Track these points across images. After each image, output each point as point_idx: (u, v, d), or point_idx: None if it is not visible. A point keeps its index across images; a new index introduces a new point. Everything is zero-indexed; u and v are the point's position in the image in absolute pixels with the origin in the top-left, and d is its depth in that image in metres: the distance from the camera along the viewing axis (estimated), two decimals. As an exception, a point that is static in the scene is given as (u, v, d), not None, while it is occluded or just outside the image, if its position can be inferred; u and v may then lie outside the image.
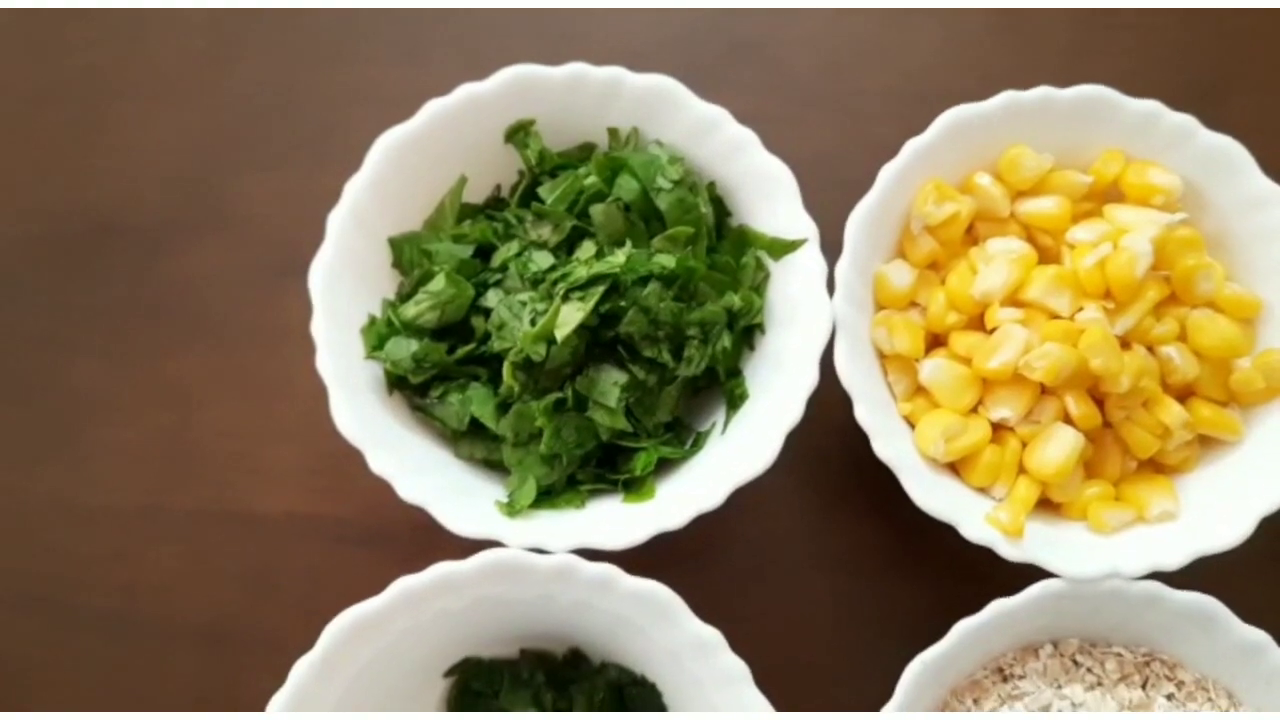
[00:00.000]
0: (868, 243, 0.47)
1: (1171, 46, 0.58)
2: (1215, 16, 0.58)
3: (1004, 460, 0.46)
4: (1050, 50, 0.58)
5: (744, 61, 0.58)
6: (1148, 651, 0.46)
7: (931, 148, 0.47)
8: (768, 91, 0.57)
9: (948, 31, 0.59)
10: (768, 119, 0.55)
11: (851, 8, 0.58)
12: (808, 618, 0.50)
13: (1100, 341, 0.44)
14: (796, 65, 0.58)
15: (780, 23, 0.58)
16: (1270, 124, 0.57)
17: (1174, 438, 0.46)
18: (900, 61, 0.58)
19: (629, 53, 0.55)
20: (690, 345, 0.45)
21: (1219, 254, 0.49)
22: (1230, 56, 0.58)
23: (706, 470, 0.45)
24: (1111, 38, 0.58)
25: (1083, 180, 0.49)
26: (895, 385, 0.48)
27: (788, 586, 0.50)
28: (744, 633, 0.44)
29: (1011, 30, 0.59)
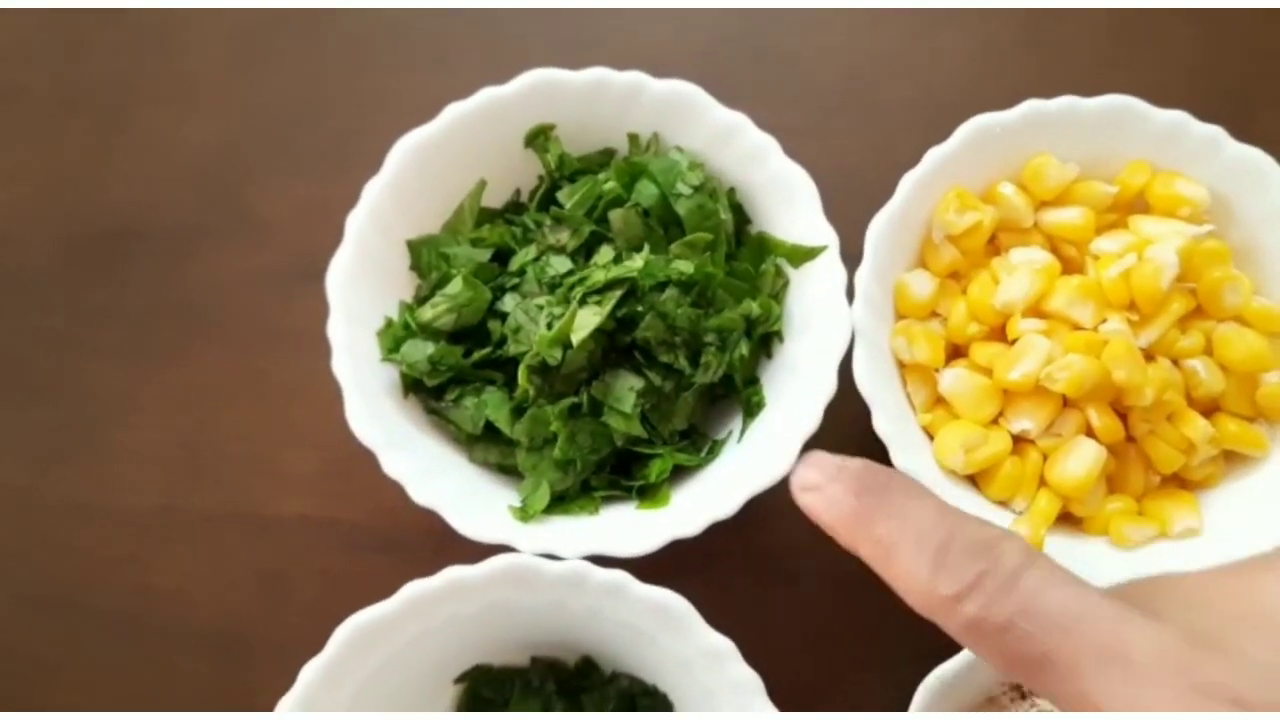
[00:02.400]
0: (888, 251, 0.47)
1: (1202, 58, 0.58)
2: (1246, 29, 0.57)
3: (1024, 473, 0.46)
4: (1078, 60, 0.58)
5: (767, 70, 0.57)
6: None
7: (953, 156, 0.47)
8: (790, 100, 0.57)
9: (974, 42, 0.58)
10: (790, 128, 0.55)
11: (877, 13, 0.58)
12: (822, 630, 0.50)
13: (1123, 353, 0.44)
14: (820, 74, 0.57)
15: (804, 32, 0.58)
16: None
17: (1199, 453, 0.46)
18: (925, 72, 0.57)
19: (652, 58, 0.54)
20: (707, 352, 0.45)
21: (1246, 267, 0.48)
22: (1261, 69, 0.57)
23: (722, 478, 0.45)
24: (1140, 49, 0.58)
25: (1108, 190, 0.48)
26: (915, 396, 0.47)
27: (802, 598, 0.50)
28: (757, 644, 0.43)
29: (1039, 41, 0.58)
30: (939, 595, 0.30)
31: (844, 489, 0.33)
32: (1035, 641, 0.29)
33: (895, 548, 0.32)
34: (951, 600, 0.30)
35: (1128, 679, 0.27)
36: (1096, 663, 0.27)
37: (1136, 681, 0.27)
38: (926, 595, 0.31)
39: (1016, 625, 0.29)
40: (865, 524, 0.33)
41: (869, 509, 0.33)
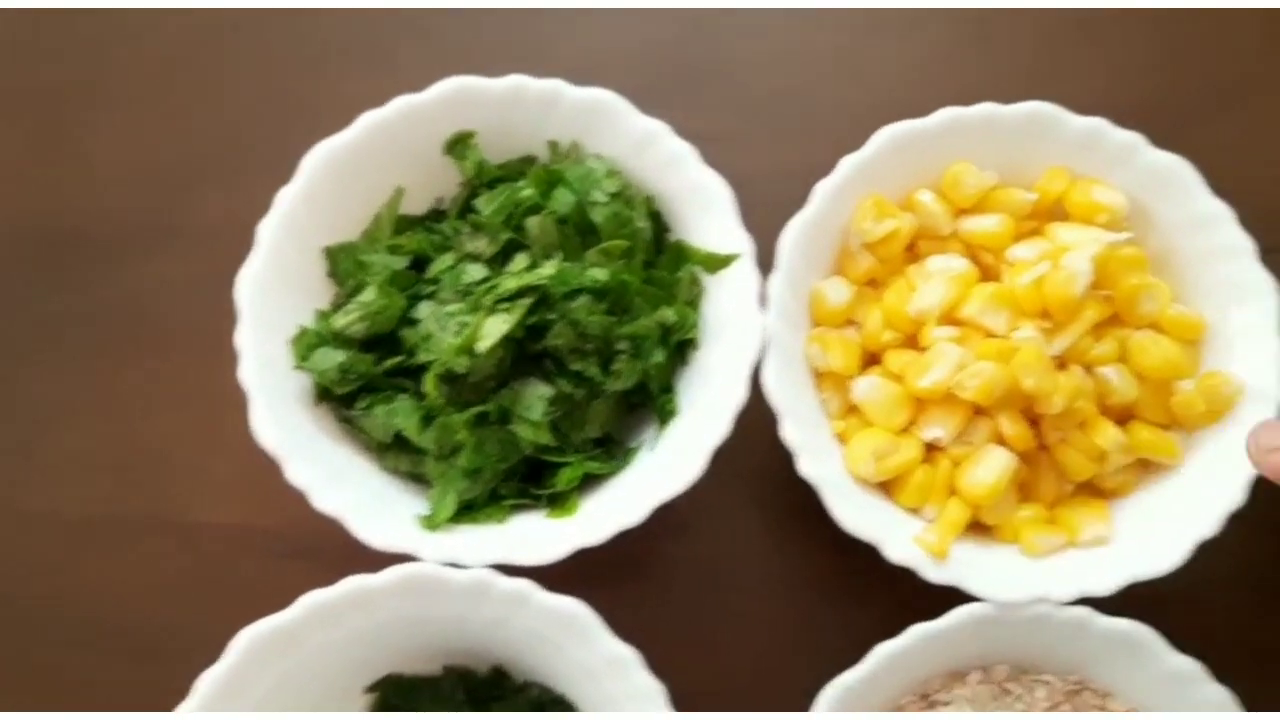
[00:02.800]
0: (803, 259, 0.47)
1: (1145, 63, 0.57)
2: (1190, 33, 0.57)
3: (935, 481, 0.45)
4: (1016, 66, 0.57)
5: (702, 76, 0.57)
6: (1079, 680, 0.45)
7: (869, 164, 0.47)
8: (724, 107, 0.57)
9: (911, 47, 0.58)
10: (723, 135, 0.55)
11: (813, 16, 0.58)
12: (732, 638, 0.49)
13: (1033, 361, 0.44)
14: (755, 81, 0.57)
15: (740, 38, 0.58)
16: (1243, 143, 0.55)
17: (1111, 461, 0.46)
18: (861, 79, 0.57)
19: (584, 64, 0.55)
20: (619, 359, 0.45)
21: (1165, 274, 0.48)
22: (1206, 73, 0.57)
23: (632, 487, 0.45)
24: (1082, 53, 0.57)
25: (1026, 198, 0.48)
26: (829, 403, 0.47)
27: (713, 606, 0.50)
28: (666, 652, 0.44)
29: (977, 46, 0.58)
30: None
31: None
32: None
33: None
34: None
35: None
36: None
37: None
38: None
39: None
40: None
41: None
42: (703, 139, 0.54)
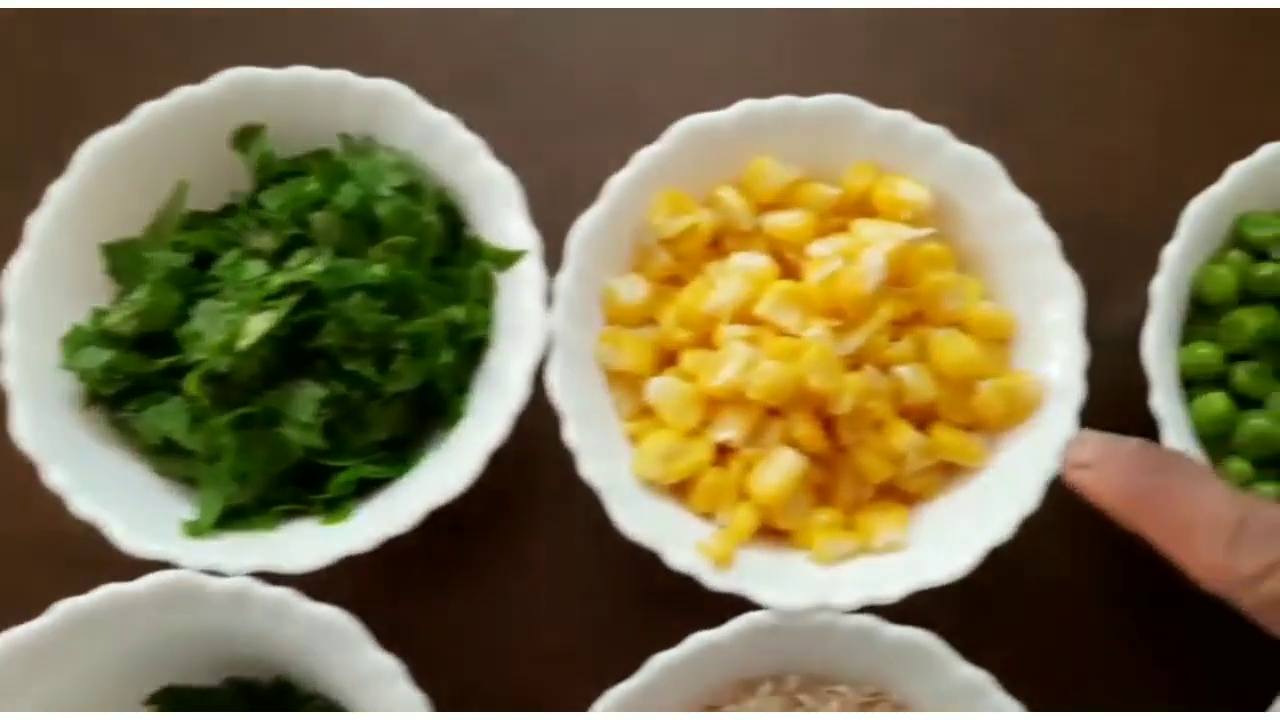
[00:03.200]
0: (597, 256, 0.45)
1: (977, 57, 0.56)
2: (1010, 32, 0.56)
3: (726, 484, 0.44)
4: (848, 61, 0.56)
5: (526, 69, 0.56)
6: (875, 690, 0.43)
7: (666, 158, 0.46)
8: (548, 100, 0.55)
9: (743, 41, 0.57)
10: (546, 128, 0.54)
11: (642, 13, 0.56)
12: (515, 646, 0.48)
13: (818, 359, 0.42)
14: (580, 74, 0.56)
15: (565, 30, 0.56)
16: (1066, 140, 0.54)
17: (910, 463, 0.44)
18: (689, 71, 0.56)
19: (408, 59, 0.53)
20: (398, 359, 0.43)
21: (976, 270, 0.47)
22: (1025, 72, 0.55)
23: (410, 491, 0.43)
24: (918, 47, 0.56)
25: (830, 193, 0.47)
26: (621, 405, 0.46)
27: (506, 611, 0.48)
28: (455, 659, 0.43)
29: (810, 42, 0.57)
30: (1238, 575, 0.33)
31: (1123, 468, 0.36)
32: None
33: (1188, 529, 0.34)
34: (1251, 579, 0.33)
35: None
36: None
37: None
38: (1223, 572, 0.34)
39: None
40: (1150, 504, 0.35)
41: (1152, 489, 0.35)
42: (524, 134, 0.53)
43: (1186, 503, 0.35)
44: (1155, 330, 0.44)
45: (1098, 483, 0.36)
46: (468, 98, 0.52)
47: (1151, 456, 0.36)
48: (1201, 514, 0.34)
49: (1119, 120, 0.55)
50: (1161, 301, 0.44)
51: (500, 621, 0.48)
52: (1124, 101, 0.55)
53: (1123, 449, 0.36)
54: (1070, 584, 0.48)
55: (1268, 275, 0.45)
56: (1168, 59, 0.55)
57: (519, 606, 0.48)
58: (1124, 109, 0.55)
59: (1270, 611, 0.33)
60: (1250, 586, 0.33)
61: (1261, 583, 0.33)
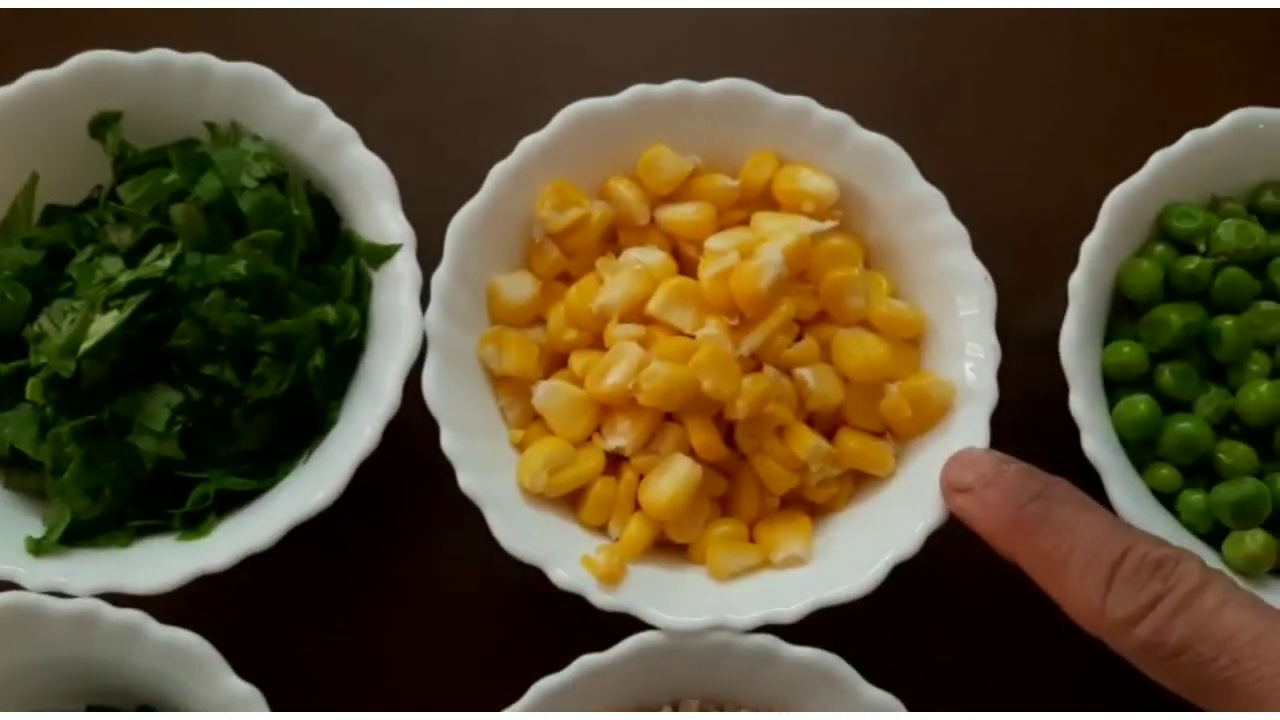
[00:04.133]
0: (478, 251, 0.42)
1: (899, 52, 0.53)
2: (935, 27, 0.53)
3: (618, 495, 0.41)
4: (760, 50, 0.54)
5: (419, 59, 0.53)
6: (778, 714, 0.40)
7: (552, 146, 0.43)
8: (442, 91, 0.52)
9: (654, 31, 0.54)
10: (439, 120, 0.51)
11: (540, 6, 0.53)
12: (389, 672, 0.45)
13: (711, 360, 0.39)
14: (476, 64, 0.53)
15: (461, 19, 0.53)
16: (990, 135, 0.52)
17: (815, 472, 0.41)
18: (591, 62, 0.53)
19: (302, 49, 0.50)
20: (261, 363, 0.40)
21: (885, 266, 0.44)
22: (956, 64, 0.53)
23: (273, 505, 0.40)
24: (827, 38, 0.53)
25: (730, 184, 0.44)
26: (508, 411, 0.43)
27: (372, 636, 0.45)
28: (309, 690, 0.39)
29: (728, 31, 0.54)
30: (1111, 617, 0.31)
31: (1002, 495, 0.33)
32: (1213, 666, 0.29)
33: (1063, 564, 0.32)
34: (1124, 623, 0.30)
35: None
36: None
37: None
38: (1096, 616, 0.31)
39: (1192, 648, 0.29)
40: (1027, 534, 0.33)
41: (1032, 518, 0.33)
42: (418, 125, 0.50)
43: (1065, 534, 0.32)
44: (1073, 328, 0.41)
45: (975, 509, 0.34)
46: (360, 87, 0.50)
47: (1035, 482, 0.33)
48: (1079, 548, 0.32)
49: (1045, 114, 0.52)
50: (1080, 298, 0.41)
51: (374, 646, 0.45)
52: (1051, 95, 0.52)
53: (1006, 472, 0.34)
54: (982, 598, 0.45)
55: (1192, 270, 0.42)
56: (1094, 51, 0.53)
57: (394, 629, 0.45)
58: (1051, 102, 0.52)
59: (1143, 659, 0.31)
60: (1122, 631, 0.31)
61: (1134, 627, 0.30)
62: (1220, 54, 0.52)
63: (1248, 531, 0.40)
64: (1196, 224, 0.43)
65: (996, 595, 0.45)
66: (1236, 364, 0.42)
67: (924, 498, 0.40)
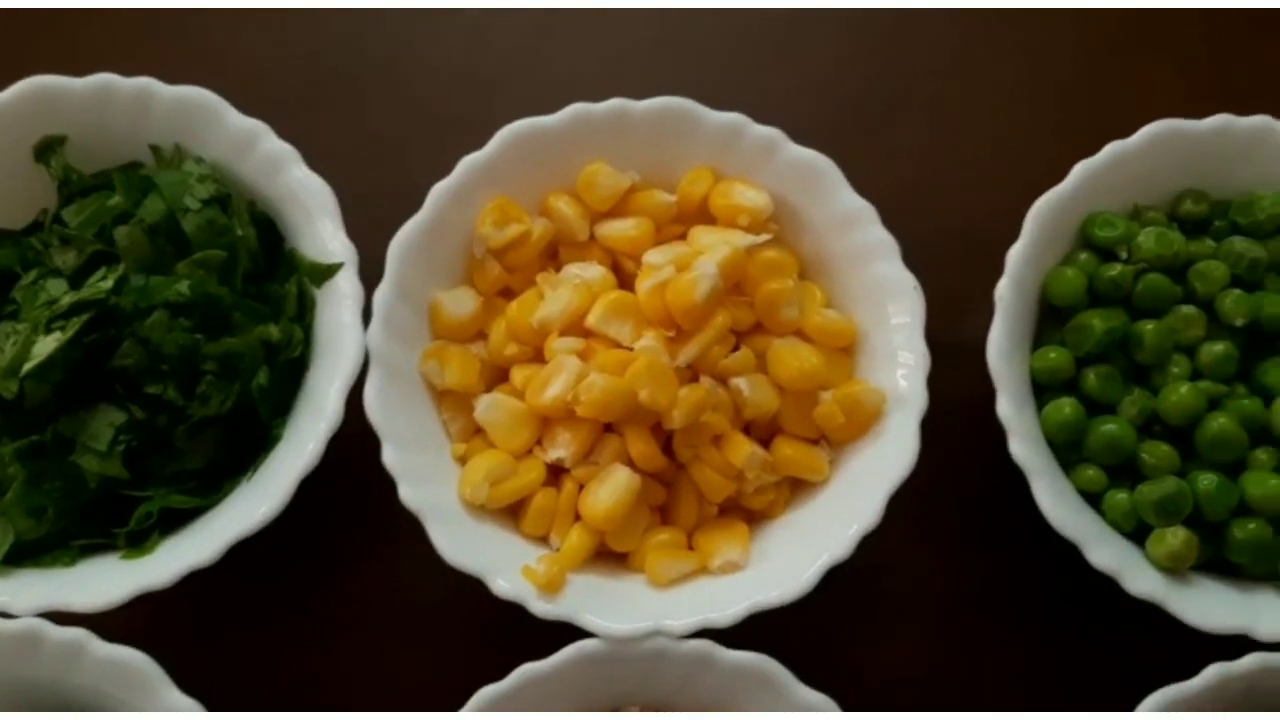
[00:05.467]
0: (420, 268, 0.43)
1: (836, 62, 0.55)
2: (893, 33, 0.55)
3: (558, 505, 0.42)
4: (711, 64, 0.54)
5: (363, 81, 0.53)
6: (717, 717, 0.41)
7: (492, 164, 0.44)
8: (386, 112, 0.53)
9: (604, 47, 0.55)
10: (383, 140, 0.52)
11: (498, 17, 0.54)
12: (333, 684, 0.45)
13: (647, 371, 0.40)
14: (419, 85, 0.54)
15: (411, 35, 0.54)
16: (930, 149, 0.53)
17: (752, 479, 0.42)
18: (534, 81, 0.54)
19: (245, 71, 0.51)
20: (204, 382, 0.41)
21: (819, 277, 0.46)
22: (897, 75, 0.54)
23: (217, 522, 0.41)
24: (779, 53, 0.55)
25: (668, 200, 0.45)
26: (450, 425, 0.43)
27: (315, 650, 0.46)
28: (253, 704, 0.39)
29: (682, 44, 0.55)
30: None
31: None
32: None
33: None
34: None
35: None
36: None
37: None
38: None
39: None
40: None
41: None
42: (368, 144, 0.51)
43: None
44: (1000, 335, 0.42)
45: None
46: (305, 108, 0.51)
47: None
48: None
49: (987, 126, 0.53)
50: (1006, 305, 0.42)
51: (316, 658, 0.46)
52: (996, 107, 0.53)
53: None
54: (915, 599, 0.46)
55: (1114, 276, 0.44)
56: (1034, 65, 0.54)
57: (338, 642, 0.46)
58: (995, 114, 0.53)
59: None
60: None
61: None
62: (1153, 67, 0.54)
63: (1169, 528, 0.41)
64: (1118, 232, 0.44)
65: (928, 596, 0.46)
66: (1158, 367, 0.43)
67: (857, 502, 0.41)
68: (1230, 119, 0.45)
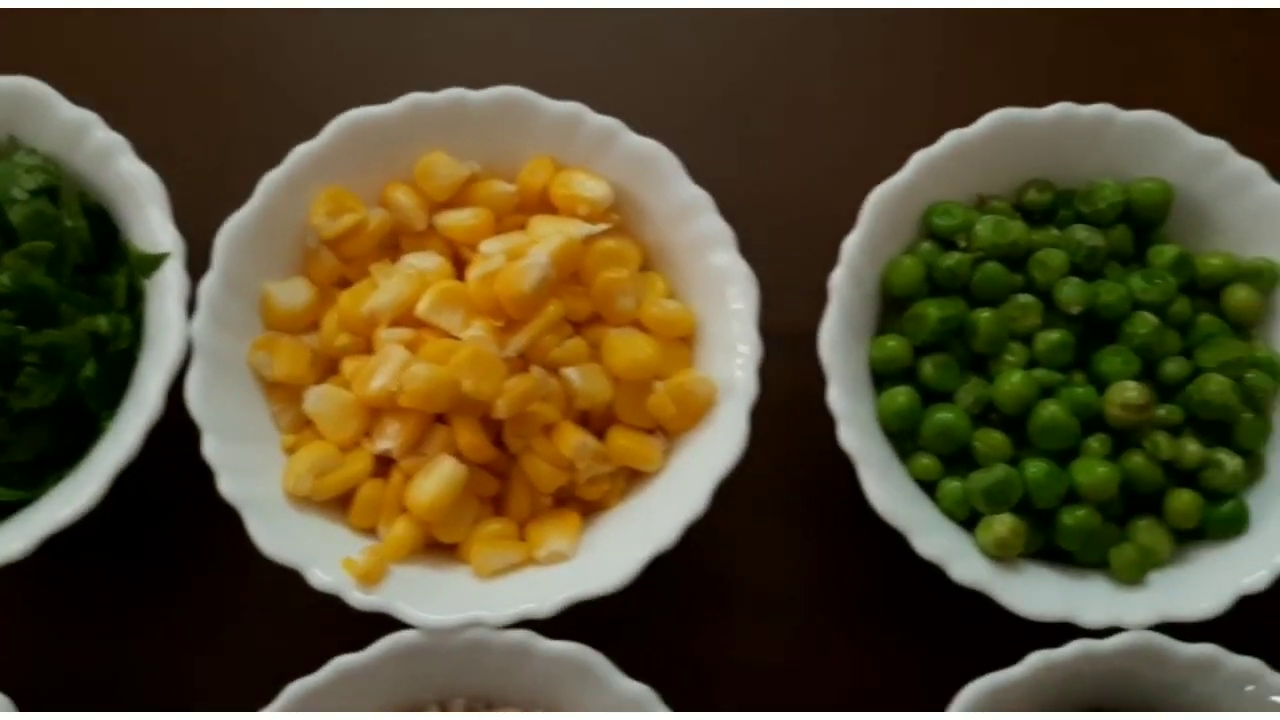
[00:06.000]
0: (251, 259, 0.43)
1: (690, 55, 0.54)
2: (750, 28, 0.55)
3: (385, 497, 0.41)
4: (571, 56, 0.54)
5: (197, 73, 0.53)
6: (544, 710, 0.41)
7: (325, 154, 0.43)
8: (222, 102, 0.52)
9: (467, 40, 0.54)
10: (246, 134, 0.51)
11: (358, 15, 0.54)
12: (151, 683, 0.45)
13: (470, 361, 0.40)
14: (255, 75, 0.53)
15: (270, 28, 0.54)
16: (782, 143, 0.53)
17: (583, 470, 0.42)
18: (410, 73, 0.53)
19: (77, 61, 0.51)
20: (24, 374, 0.40)
21: (663, 267, 0.45)
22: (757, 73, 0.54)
23: (31, 516, 0.40)
24: (650, 49, 0.54)
25: (507, 190, 0.44)
26: (280, 417, 0.43)
27: (132, 646, 0.45)
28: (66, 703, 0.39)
29: (548, 39, 0.54)
30: None
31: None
32: None
33: None
34: None
35: None
36: None
37: None
38: None
39: None
40: None
41: None
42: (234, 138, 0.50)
43: None
44: (833, 325, 0.42)
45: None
46: (170, 101, 0.50)
47: None
48: None
49: (832, 122, 0.53)
50: (841, 295, 0.42)
51: (132, 651, 0.45)
52: (837, 104, 0.53)
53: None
54: (739, 590, 0.46)
55: (952, 265, 0.43)
56: (889, 56, 0.54)
57: (157, 638, 0.45)
58: (837, 111, 0.53)
59: None
60: None
61: None
62: (1016, 61, 0.54)
63: (997, 516, 0.41)
64: (956, 221, 0.44)
65: (760, 586, 0.46)
66: (995, 355, 0.43)
67: (687, 491, 0.40)
68: (1071, 107, 0.45)
